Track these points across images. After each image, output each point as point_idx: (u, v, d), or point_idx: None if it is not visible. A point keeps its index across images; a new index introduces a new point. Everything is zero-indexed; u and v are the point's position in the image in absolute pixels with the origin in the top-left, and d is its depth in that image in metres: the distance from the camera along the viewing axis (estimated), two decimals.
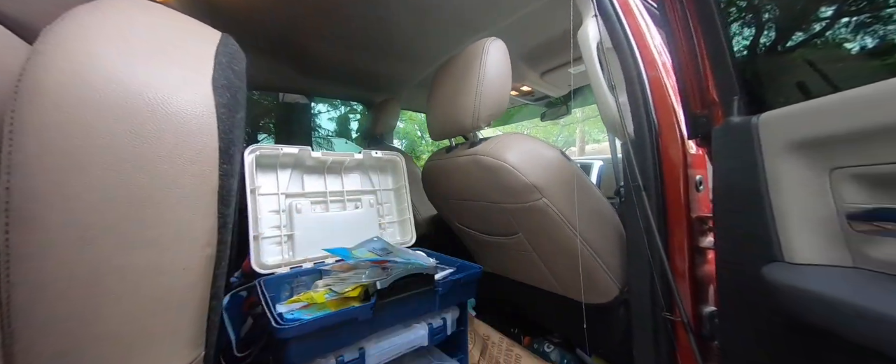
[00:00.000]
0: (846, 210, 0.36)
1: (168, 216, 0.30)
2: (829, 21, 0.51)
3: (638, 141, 0.70)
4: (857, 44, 0.47)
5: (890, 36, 0.44)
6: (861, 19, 0.46)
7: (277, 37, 1.29)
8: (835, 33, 0.49)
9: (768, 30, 0.59)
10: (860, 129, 0.34)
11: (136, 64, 0.31)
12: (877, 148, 0.33)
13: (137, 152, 0.29)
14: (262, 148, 0.70)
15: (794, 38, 0.57)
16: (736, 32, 0.61)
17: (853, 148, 0.35)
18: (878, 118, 0.32)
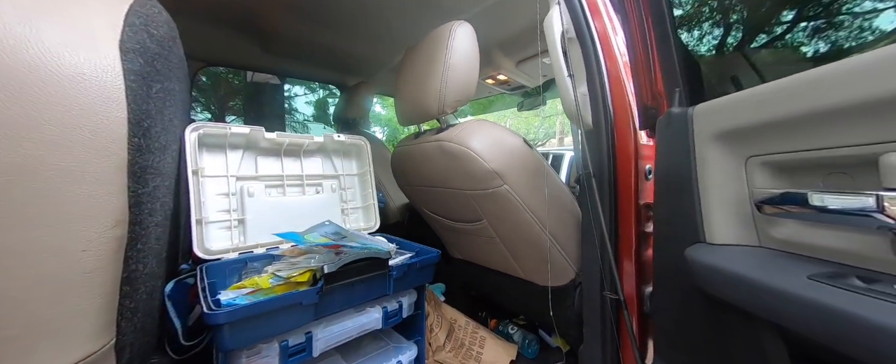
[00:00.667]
0: (756, 195, 0.38)
1: (60, 193, 0.28)
2: (769, 20, 0.54)
3: (595, 131, 0.72)
4: (805, 50, 0.49)
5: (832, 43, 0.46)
6: (807, 25, 0.49)
7: (241, 9, 1.20)
8: (782, 38, 0.52)
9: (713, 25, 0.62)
10: (767, 120, 0.36)
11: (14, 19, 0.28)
12: (779, 138, 0.35)
13: (15, 119, 0.26)
14: (206, 126, 0.66)
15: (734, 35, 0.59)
16: (689, 27, 0.63)
17: (762, 138, 0.37)
18: (779, 111, 0.34)
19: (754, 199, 0.38)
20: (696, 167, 0.44)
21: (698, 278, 0.40)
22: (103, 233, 0.30)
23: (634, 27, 0.60)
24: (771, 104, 0.35)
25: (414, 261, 0.68)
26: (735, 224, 0.40)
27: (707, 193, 0.42)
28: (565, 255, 0.85)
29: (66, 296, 0.29)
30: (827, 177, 0.34)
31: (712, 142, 0.42)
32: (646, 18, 0.57)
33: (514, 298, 1.11)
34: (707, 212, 0.42)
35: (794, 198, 0.34)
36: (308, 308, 0.52)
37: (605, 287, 0.70)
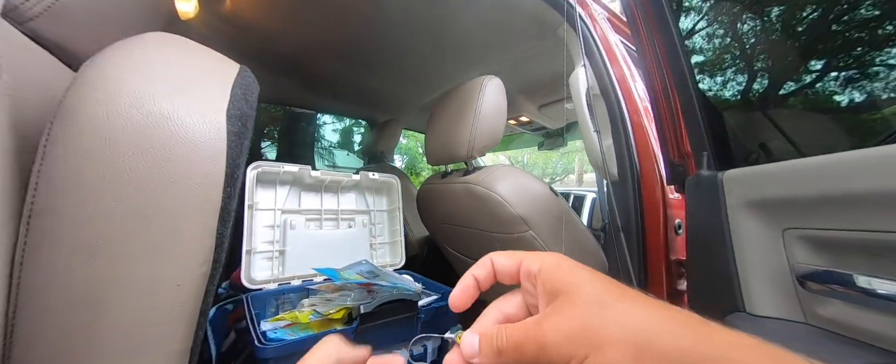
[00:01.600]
0: (796, 269, 0.39)
1: (171, 234, 0.33)
2: (799, 86, 0.57)
3: (620, 182, 0.74)
4: (828, 104, 0.51)
5: (860, 99, 0.48)
6: (832, 82, 0.51)
7: (291, 54, 1.37)
8: (806, 96, 0.54)
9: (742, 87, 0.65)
10: (805, 196, 0.37)
11: (161, 96, 0.35)
12: (819, 214, 0.37)
13: (149, 174, 0.32)
14: (265, 165, 0.74)
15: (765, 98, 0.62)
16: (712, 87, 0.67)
17: (800, 212, 0.38)
18: (819, 188, 0.36)
19: (795, 273, 0.38)
20: (730, 232, 0.45)
21: None
22: (195, 269, 0.35)
23: (658, 89, 0.64)
24: (807, 180, 0.36)
25: (441, 304, 0.69)
26: (777, 296, 0.40)
27: (744, 261, 0.43)
28: None
29: (160, 325, 0.33)
30: (873, 258, 0.35)
31: (746, 209, 0.44)
32: (669, 81, 0.62)
33: None
34: (745, 280, 0.43)
35: (839, 277, 0.35)
36: None
37: None
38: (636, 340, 0.15)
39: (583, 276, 0.19)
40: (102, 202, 0.30)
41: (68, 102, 0.31)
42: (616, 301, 0.17)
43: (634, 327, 0.16)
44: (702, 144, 0.55)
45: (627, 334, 0.16)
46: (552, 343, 0.17)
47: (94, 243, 0.29)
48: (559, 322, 0.18)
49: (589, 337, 0.16)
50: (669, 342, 0.15)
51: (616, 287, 0.18)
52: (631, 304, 0.17)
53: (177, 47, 0.41)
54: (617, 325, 0.16)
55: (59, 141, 0.30)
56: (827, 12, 0.50)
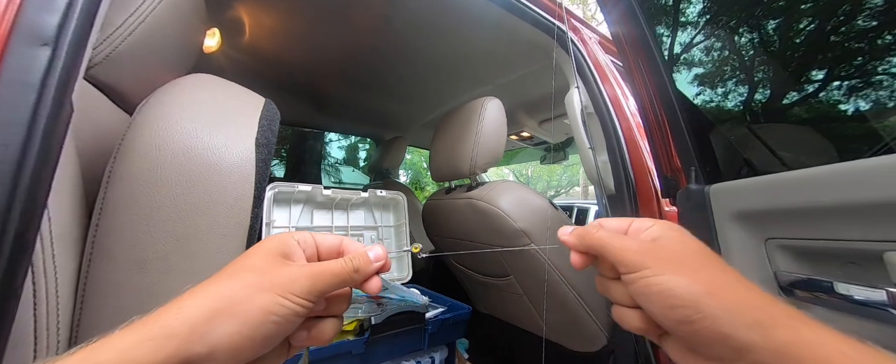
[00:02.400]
0: (780, 277, 0.41)
1: (209, 250, 0.37)
2: (782, 100, 0.60)
3: (617, 196, 0.77)
4: (810, 118, 0.54)
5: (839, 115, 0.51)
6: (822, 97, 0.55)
7: (303, 80, 1.46)
8: (788, 111, 0.58)
9: (726, 104, 0.69)
10: (783, 208, 0.40)
11: (201, 130, 0.41)
12: (795, 225, 0.40)
13: (191, 199, 0.37)
14: (281, 185, 0.79)
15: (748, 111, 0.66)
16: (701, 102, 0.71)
17: (779, 223, 0.41)
18: (790, 200, 0.39)
19: (779, 281, 0.41)
20: (718, 243, 0.48)
21: None
22: None
23: (646, 107, 0.68)
24: (785, 193, 0.40)
25: (447, 316, 0.71)
26: None
27: None
28: (596, 320, 0.84)
29: None
30: (844, 266, 0.37)
31: (732, 221, 0.47)
32: (655, 99, 0.66)
33: (541, 361, 1.07)
34: None
35: (819, 285, 0.37)
36: (356, 357, 0.56)
37: (643, 359, 0.68)
38: (714, 281, 0.19)
39: (690, 237, 0.23)
40: (152, 223, 0.35)
41: (128, 139, 0.37)
42: (708, 256, 0.21)
43: (716, 275, 0.19)
44: (690, 159, 0.59)
45: (708, 276, 0.19)
46: (633, 250, 0.21)
47: (144, 259, 0.34)
48: (650, 244, 0.22)
49: (672, 262, 0.20)
50: (742, 293, 0.18)
51: (713, 253, 0.22)
52: (719, 263, 0.20)
53: (212, 86, 0.47)
54: (701, 267, 0.20)
55: (119, 172, 0.35)
56: (812, 26, 0.54)
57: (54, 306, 0.29)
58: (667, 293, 0.19)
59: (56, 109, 0.27)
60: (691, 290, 0.18)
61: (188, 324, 0.18)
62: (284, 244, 0.23)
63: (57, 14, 0.27)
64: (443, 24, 1.05)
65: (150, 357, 0.16)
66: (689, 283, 0.19)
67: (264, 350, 0.20)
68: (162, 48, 0.55)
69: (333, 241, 0.25)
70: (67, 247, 0.32)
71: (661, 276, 0.19)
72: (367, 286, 0.24)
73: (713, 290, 0.18)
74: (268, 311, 0.19)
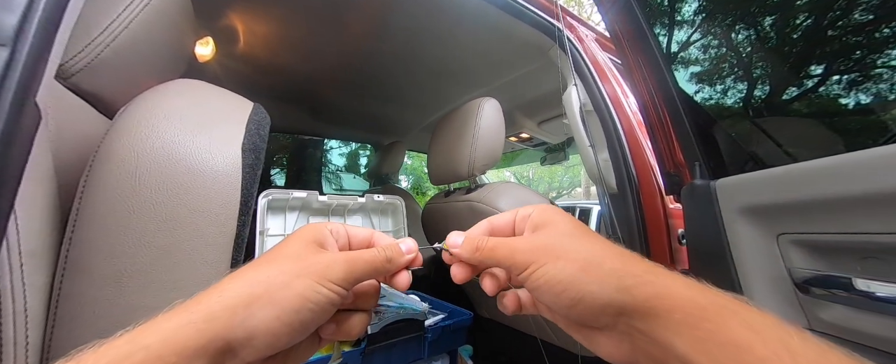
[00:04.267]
0: (794, 274, 0.39)
1: (192, 261, 0.36)
2: (785, 90, 0.59)
3: (619, 194, 0.75)
4: (814, 111, 0.53)
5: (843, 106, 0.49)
6: (816, 93, 0.53)
7: (299, 87, 1.45)
8: (792, 103, 0.56)
9: (728, 99, 0.67)
10: (794, 201, 0.38)
11: (183, 135, 0.39)
12: (809, 219, 0.37)
13: (173, 208, 0.35)
14: (274, 192, 0.77)
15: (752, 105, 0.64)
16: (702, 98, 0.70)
17: (791, 217, 0.39)
18: (802, 193, 0.37)
19: (794, 278, 0.39)
20: (727, 240, 0.46)
21: None
22: None
23: (647, 103, 0.67)
24: (797, 185, 0.38)
25: (447, 323, 0.69)
26: (779, 302, 0.40)
27: (744, 268, 0.43)
28: None
29: None
30: (863, 260, 0.35)
31: (740, 216, 0.45)
32: (656, 95, 0.64)
33: None
34: (747, 286, 0.43)
35: (838, 281, 0.35)
36: None
37: None
38: (587, 258, 0.20)
39: (563, 218, 0.23)
40: (131, 234, 0.33)
41: (105, 146, 0.36)
42: (581, 235, 0.22)
43: (588, 251, 0.20)
44: (693, 154, 0.57)
45: (582, 254, 0.20)
46: (521, 250, 0.21)
47: (122, 272, 0.32)
48: (532, 238, 0.22)
49: (551, 251, 0.20)
50: (610, 263, 0.19)
51: (584, 229, 0.22)
52: (589, 239, 0.21)
53: (197, 91, 0.46)
54: (574, 247, 0.21)
55: (95, 181, 0.34)
56: (813, 20, 0.53)
57: (23, 325, 0.27)
58: (552, 281, 0.20)
59: (15, 112, 0.25)
60: (567, 271, 0.19)
61: (229, 308, 0.18)
62: (319, 233, 0.24)
63: (15, 14, 0.25)
64: (438, 27, 1.04)
65: (192, 340, 0.17)
66: (565, 265, 0.20)
67: (299, 338, 0.20)
68: (149, 55, 0.54)
69: (365, 234, 0.26)
70: (40, 262, 0.30)
71: (545, 267, 0.20)
72: (397, 281, 0.25)
73: (585, 266, 0.19)
74: (305, 298, 0.19)
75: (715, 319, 0.16)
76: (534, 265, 0.20)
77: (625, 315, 0.18)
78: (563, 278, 0.19)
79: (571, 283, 0.19)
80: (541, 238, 0.22)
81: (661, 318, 0.17)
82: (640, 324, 0.18)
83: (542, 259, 0.20)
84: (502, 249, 0.22)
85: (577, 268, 0.19)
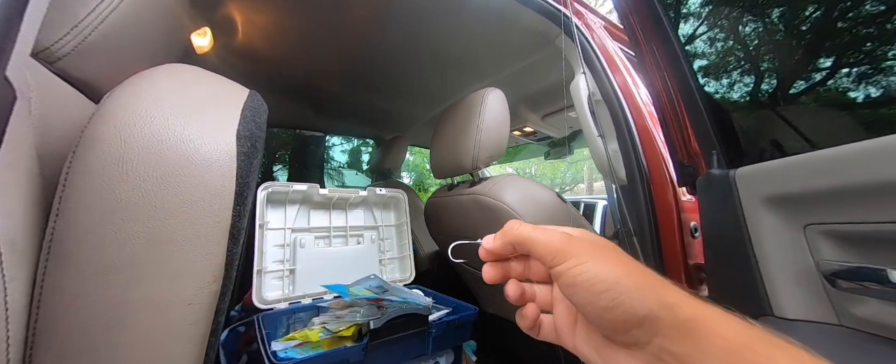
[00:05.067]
0: (823, 267, 0.36)
1: (183, 253, 0.34)
2: (807, 80, 0.56)
3: (629, 186, 0.73)
4: (836, 98, 0.50)
5: (868, 94, 0.47)
6: (840, 77, 0.50)
7: (300, 81, 1.43)
8: (813, 90, 0.53)
9: (746, 86, 0.64)
10: (824, 189, 0.36)
11: (174, 121, 0.37)
12: (841, 207, 0.35)
13: (162, 196, 0.33)
14: (274, 185, 0.76)
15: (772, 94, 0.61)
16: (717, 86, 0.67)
17: (821, 206, 0.37)
18: (838, 180, 0.34)
19: (823, 272, 0.36)
20: (748, 232, 0.43)
21: None
22: (205, 288, 0.36)
23: (660, 90, 0.64)
24: (826, 172, 0.35)
25: (452, 318, 0.67)
26: (806, 297, 0.38)
27: (767, 262, 0.41)
28: None
29: (171, 344, 0.33)
30: None
31: (763, 206, 0.42)
32: (670, 82, 0.61)
33: (550, 362, 1.02)
34: (770, 282, 0.40)
35: (872, 274, 0.33)
36: None
37: None
38: (630, 266, 0.20)
39: (589, 234, 0.24)
40: (119, 224, 0.31)
41: (89, 132, 0.34)
42: (622, 251, 0.22)
43: (631, 261, 0.21)
44: (710, 143, 0.54)
45: (625, 261, 0.20)
46: (558, 241, 0.22)
47: (110, 265, 0.30)
48: (569, 238, 0.22)
49: (595, 251, 0.20)
50: (654, 279, 0.19)
51: (612, 246, 0.23)
52: (630, 256, 0.22)
53: (189, 76, 0.44)
54: (617, 256, 0.21)
55: (79, 168, 0.32)
56: (829, 9, 0.50)
57: (3, 319, 0.26)
58: (594, 279, 0.19)
59: None
60: (613, 272, 0.19)
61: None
62: None
63: None
64: (442, 16, 1.01)
65: None
66: (611, 266, 0.20)
67: None
68: (140, 39, 0.51)
69: None
70: (21, 254, 0.28)
71: (587, 264, 0.20)
72: None
73: (629, 272, 0.19)
74: None
75: (760, 351, 0.15)
76: (574, 259, 0.20)
77: (660, 335, 0.17)
78: (606, 277, 0.19)
79: (615, 284, 0.18)
80: (577, 238, 0.22)
81: (701, 342, 0.16)
82: (675, 346, 0.17)
83: (584, 256, 0.20)
84: (537, 234, 0.22)
85: (622, 271, 0.19)
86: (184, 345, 0.33)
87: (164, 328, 0.32)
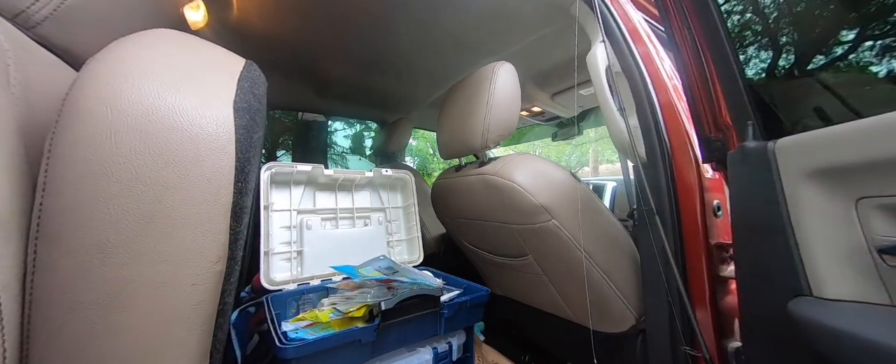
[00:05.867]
0: (877, 243, 0.33)
1: (181, 232, 0.32)
2: (851, 45, 0.50)
3: (650, 163, 0.69)
4: (880, 68, 0.45)
5: None
6: (885, 43, 0.46)
7: (300, 60, 1.37)
8: (857, 57, 0.48)
9: (785, 52, 0.59)
10: (884, 158, 0.32)
11: (165, 90, 0.34)
12: None
13: (156, 171, 0.31)
14: (278, 165, 0.73)
15: (814, 62, 0.56)
16: (750, 55, 0.61)
17: (879, 177, 0.33)
18: None
19: (876, 248, 0.33)
20: (787, 208, 0.40)
21: (814, 339, 0.34)
22: (209, 268, 0.34)
23: (689, 60, 0.59)
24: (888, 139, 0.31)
25: (464, 299, 0.66)
26: (853, 276, 0.35)
27: (807, 239, 0.38)
28: (623, 299, 0.78)
29: (175, 325, 0.32)
30: None
31: (806, 180, 0.39)
32: (702, 50, 0.56)
33: (562, 343, 1.02)
34: (810, 260, 0.37)
35: None
36: (366, 346, 0.52)
37: (680, 339, 0.62)
38: None
39: None
40: (111, 201, 0.29)
41: (71, 101, 0.31)
42: None
43: None
44: (745, 114, 0.50)
45: None
46: None
47: (104, 243, 0.28)
48: None
49: None
50: None
51: None
52: None
53: (179, 42, 0.40)
54: None
55: (64, 140, 0.29)
56: None
57: None
58: None
59: None
60: None
61: None
62: None
63: None
64: None
65: None
66: None
67: None
68: (125, 4, 0.48)
69: None
70: (8, 229, 0.26)
71: None
72: None
73: None
74: None
75: None
76: None
77: None
78: None
79: None
80: None
81: None
82: None
83: None
84: None
85: None
86: (189, 326, 0.32)
87: (167, 309, 0.30)
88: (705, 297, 0.63)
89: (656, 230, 0.63)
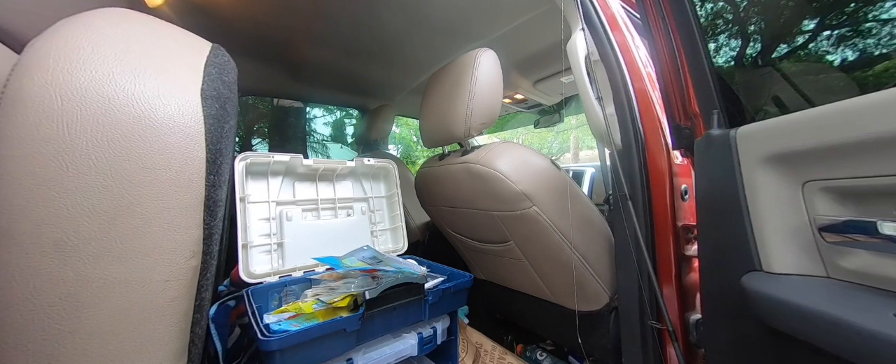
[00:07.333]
0: (819, 223, 0.37)
1: (151, 228, 0.30)
2: (809, 37, 0.54)
3: (625, 150, 0.72)
4: (835, 57, 0.49)
5: (868, 50, 0.46)
6: (840, 33, 0.49)
7: (273, 43, 1.30)
8: (816, 46, 0.52)
9: (752, 42, 0.62)
10: (829, 144, 0.35)
11: (121, 75, 0.32)
12: (844, 163, 0.34)
13: (118, 164, 0.29)
14: (253, 155, 0.70)
15: (777, 51, 0.59)
16: (721, 44, 0.64)
17: (823, 162, 0.36)
18: (844, 134, 0.34)
19: (817, 226, 0.37)
20: (744, 191, 0.43)
21: (760, 310, 0.38)
22: (182, 263, 0.33)
23: (662, 48, 0.61)
24: (834, 127, 0.34)
25: (448, 285, 0.67)
26: (796, 252, 0.39)
27: (760, 219, 0.41)
28: (597, 279, 0.83)
29: (149, 323, 0.31)
30: None
31: (762, 165, 0.42)
32: (675, 39, 0.58)
33: (542, 322, 1.08)
34: (762, 239, 0.41)
35: (861, 226, 0.33)
36: (351, 335, 0.53)
37: (647, 314, 0.67)
38: None
39: None
40: (67, 196, 0.27)
41: (13, 88, 0.28)
42: None
43: None
44: (711, 102, 0.52)
45: None
46: None
47: (64, 241, 0.27)
48: None
49: None
50: None
51: None
52: None
53: (136, 23, 0.37)
54: None
55: (8, 132, 0.27)
56: None
57: None
58: None
59: None
60: None
61: None
62: None
63: None
64: None
65: None
66: None
67: None
68: None
69: None
70: None
71: None
72: None
73: None
74: None
75: None
76: None
77: None
78: None
79: None
80: None
81: None
82: None
83: None
84: None
85: None
86: (165, 323, 0.31)
87: (138, 307, 0.29)
88: (671, 275, 0.67)
89: (629, 214, 0.66)
